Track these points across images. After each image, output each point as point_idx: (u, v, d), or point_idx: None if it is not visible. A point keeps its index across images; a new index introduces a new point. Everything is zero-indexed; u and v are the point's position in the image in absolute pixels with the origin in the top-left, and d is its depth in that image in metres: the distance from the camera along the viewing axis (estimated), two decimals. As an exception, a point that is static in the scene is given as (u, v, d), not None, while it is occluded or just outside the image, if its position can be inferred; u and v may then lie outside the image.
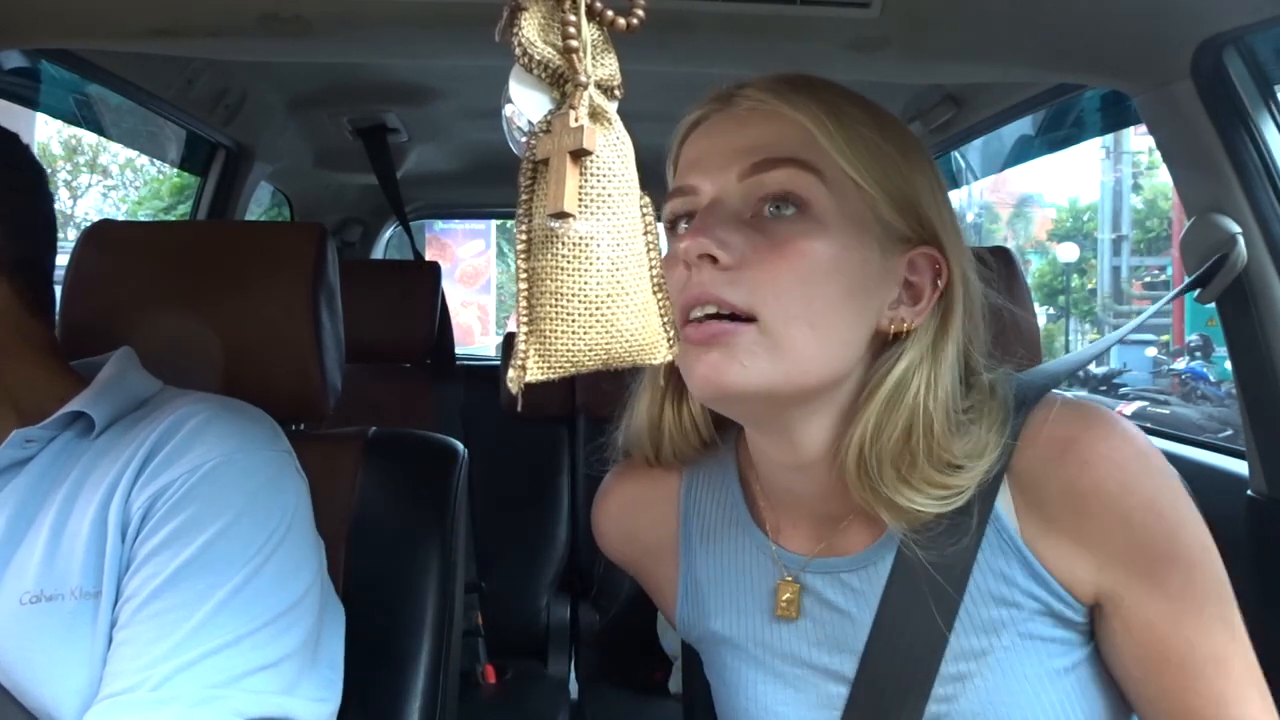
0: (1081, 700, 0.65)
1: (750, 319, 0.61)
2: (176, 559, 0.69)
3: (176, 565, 0.69)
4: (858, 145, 0.64)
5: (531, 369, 0.44)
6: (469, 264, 16.13)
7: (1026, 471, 0.65)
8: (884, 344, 0.65)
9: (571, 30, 0.43)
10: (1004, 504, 0.65)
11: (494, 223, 14.86)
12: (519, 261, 0.45)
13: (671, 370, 0.66)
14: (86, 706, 0.67)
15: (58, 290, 0.93)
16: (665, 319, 0.47)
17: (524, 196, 0.45)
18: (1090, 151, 20.57)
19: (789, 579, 0.72)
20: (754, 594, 0.74)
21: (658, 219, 0.48)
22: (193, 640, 0.67)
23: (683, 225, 0.67)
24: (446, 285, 2.17)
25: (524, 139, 0.50)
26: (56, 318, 0.92)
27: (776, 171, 0.63)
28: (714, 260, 0.61)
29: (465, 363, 2.26)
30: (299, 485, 0.80)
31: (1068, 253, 18.22)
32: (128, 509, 0.72)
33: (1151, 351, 13.79)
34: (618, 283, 0.44)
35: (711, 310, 0.61)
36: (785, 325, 0.61)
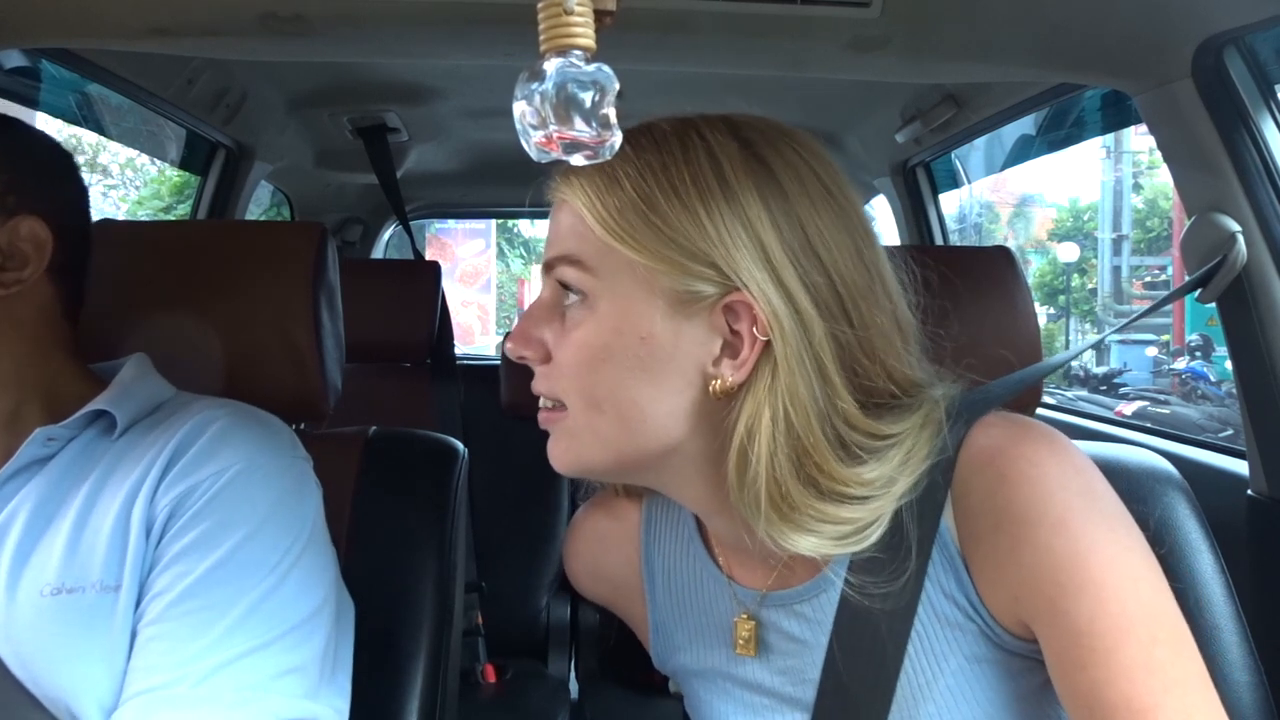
0: None
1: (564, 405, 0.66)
2: (207, 560, 0.71)
3: (207, 566, 0.70)
4: (624, 218, 0.61)
5: None
6: (469, 264, 16.15)
7: (960, 485, 0.63)
8: (724, 398, 0.62)
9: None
10: (948, 520, 0.64)
11: (494, 223, 14.91)
12: None
13: None
14: (102, 698, 0.68)
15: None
16: None
17: None
18: (1090, 151, 20.58)
19: (745, 615, 0.72)
20: (715, 629, 0.74)
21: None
22: (227, 641, 0.68)
23: None
24: (446, 285, 2.17)
25: (535, 136, 0.51)
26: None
27: (555, 269, 0.65)
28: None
29: (465, 362, 2.26)
30: (317, 493, 0.81)
31: (1068, 253, 18.21)
32: (153, 508, 0.73)
33: (1151, 351, 13.79)
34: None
35: (543, 402, 0.68)
36: (581, 412, 0.65)
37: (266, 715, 0.67)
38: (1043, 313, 18.15)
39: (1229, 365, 1.17)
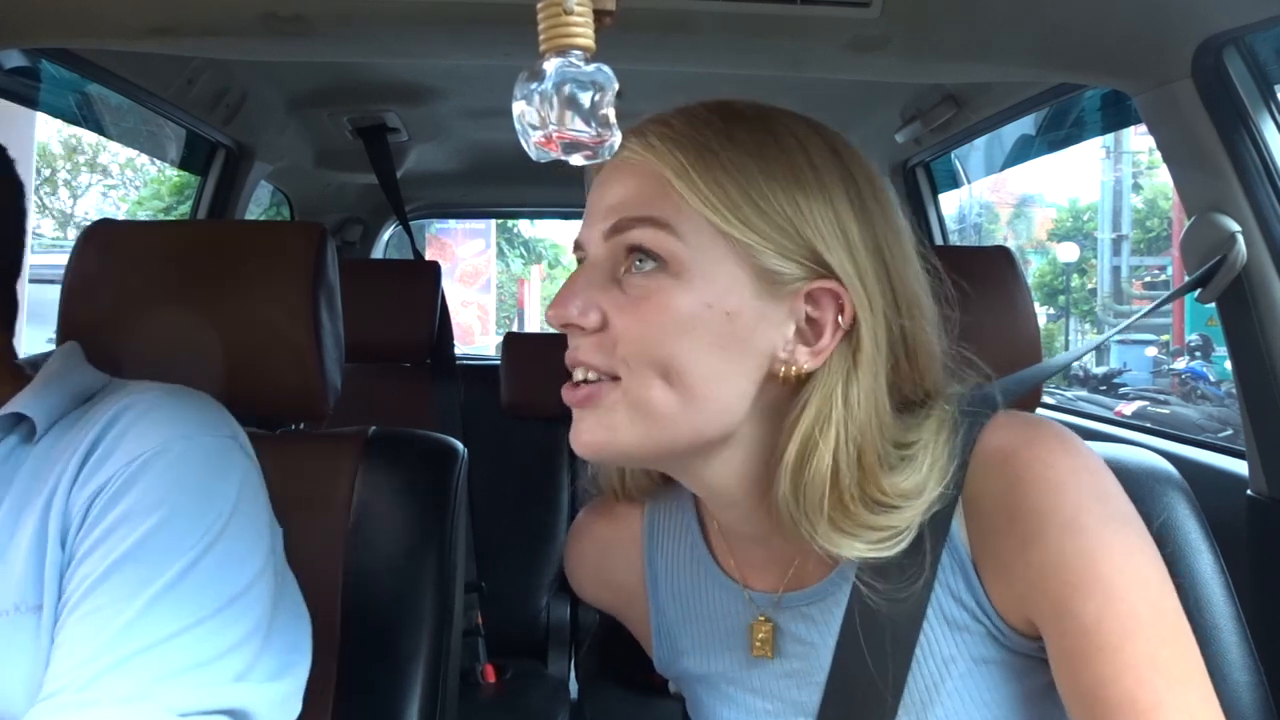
0: None
1: (616, 378, 0.61)
2: (110, 556, 0.66)
3: (110, 562, 0.66)
4: (723, 190, 0.59)
5: None
6: (469, 264, 16.17)
7: (971, 486, 0.63)
8: (789, 385, 0.61)
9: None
10: (958, 521, 0.64)
11: (494, 223, 14.92)
12: None
13: None
14: None
15: (56, 290, 0.94)
16: None
17: None
18: (1090, 151, 20.58)
19: (762, 618, 0.71)
20: (724, 633, 0.74)
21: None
22: (124, 637, 0.64)
23: None
24: (446, 285, 2.17)
25: (534, 136, 0.51)
26: (56, 318, 0.93)
27: (631, 231, 0.61)
28: (581, 326, 0.62)
29: (465, 362, 2.26)
30: (245, 470, 0.76)
31: (1068, 253, 18.21)
32: (68, 512, 0.69)
33: (1151, 351, 13.79)
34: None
35: (584, 375, 0.62)
36: (643, 386, 0.60)
37: (161, 711, 0.63)
38: (1042, 313, 18.14)
39: (1229, 365, 1.17)
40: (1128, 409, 8.70)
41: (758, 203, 0.60)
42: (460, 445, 1.04)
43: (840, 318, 0.61)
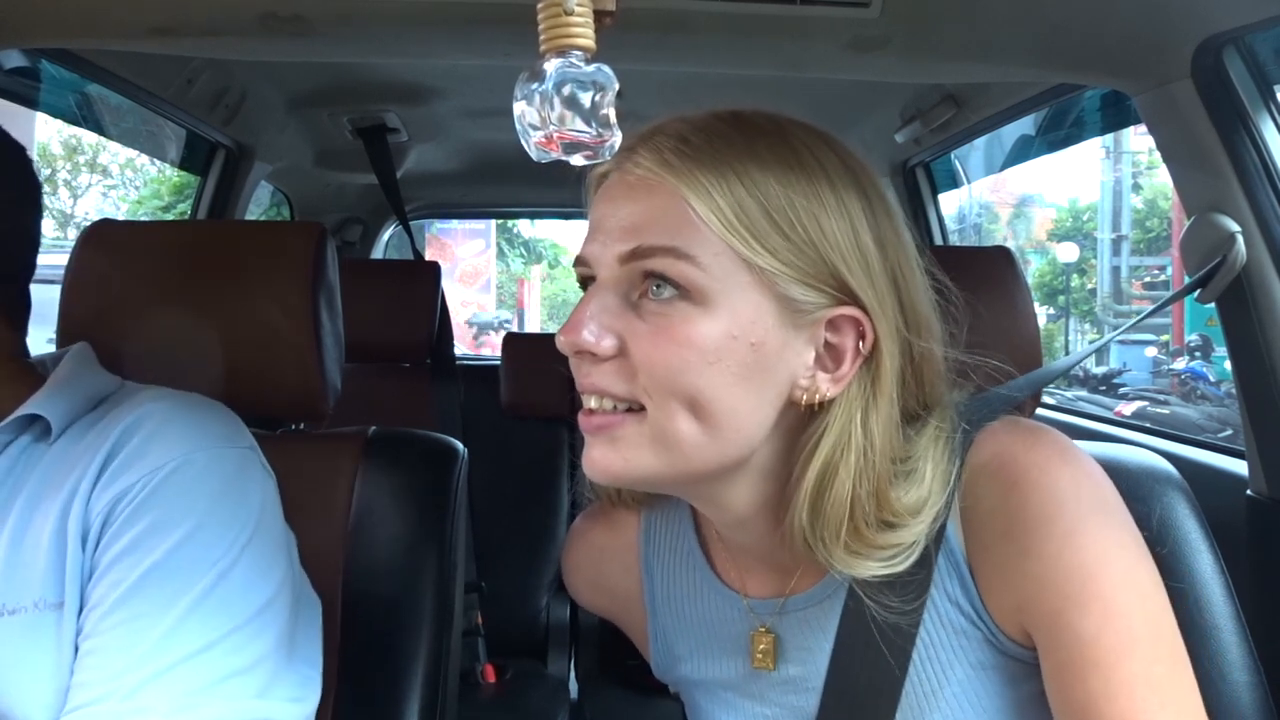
0: None
1: (640, 408, 0.60)
2: (141, 565, 0.68)
3: (142, 571, 0.67)
4: (747, 215, 0.58)
5: None
6: (469, 264, 16.17)
7: (968, 492, 0.63)
8: (806, 409, 0.61)
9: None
10: (954, 525, 0.63)
11: (494, 223, 14.93)
12: None
13: None
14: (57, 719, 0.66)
15: (56, 290, 0.94)
16: None
17: None
18: (1090, 151, 20.59)
19: (763, 629, 0.70)
20: (722, 641, 0.73)
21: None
22: (162, 648, 0.65)
23: None
24: (446, 285, 2.17)
25: (535, 136, 0.51)
26: (56, 318, 0.93)
27: (652, 259, 0.58)
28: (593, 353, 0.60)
29: (465, 363, 2.26)
30: (264, 481, 0.78)
31: (1068, 253, 18.20)
32: (88, 515, 0.70)
33: (1151, 351, 13.79)
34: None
35: (598, 403, 0.61)
36: (668, 418, 0.59)
37: None
38: (1042, 313, 18.15)
39: (1228, 365, 1.17)
40: (1127, 409, 8.71)
41: (781, 227, 0.58)
42: (460, 445, 1.04)
43: (861, 344, 0.60)
